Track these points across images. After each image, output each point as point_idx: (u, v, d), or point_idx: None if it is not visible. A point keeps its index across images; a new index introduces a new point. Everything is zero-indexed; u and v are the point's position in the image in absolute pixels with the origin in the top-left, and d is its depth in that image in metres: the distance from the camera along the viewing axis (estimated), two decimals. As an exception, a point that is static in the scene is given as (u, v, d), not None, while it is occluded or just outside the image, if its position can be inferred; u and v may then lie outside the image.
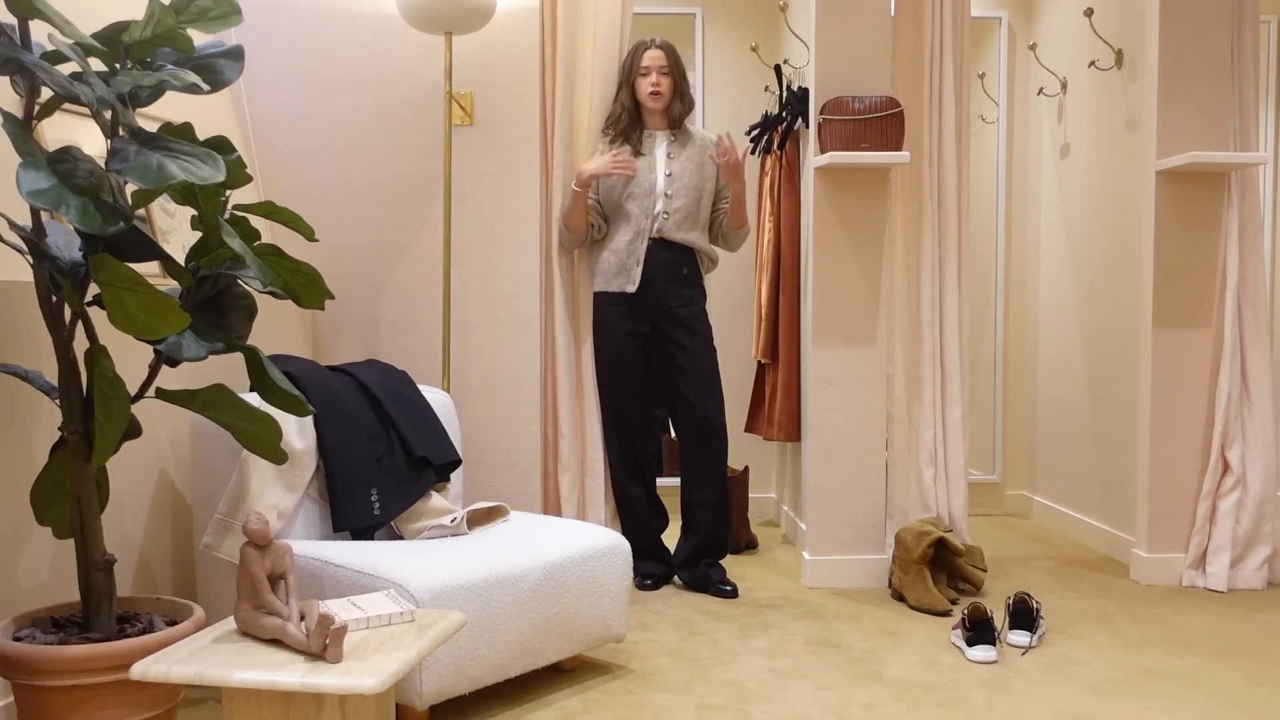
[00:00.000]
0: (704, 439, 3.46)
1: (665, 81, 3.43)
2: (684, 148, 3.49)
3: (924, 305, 3.60)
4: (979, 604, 2.89)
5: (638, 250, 3.45)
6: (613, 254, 3.49)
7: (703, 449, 3.47)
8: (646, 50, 3.45)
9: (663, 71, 3.43)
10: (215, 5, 1.98)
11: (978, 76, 4.67)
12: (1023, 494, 4.76)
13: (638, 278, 3.45)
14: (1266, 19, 4.47)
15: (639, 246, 3.45)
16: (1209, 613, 3.23)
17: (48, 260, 1.92)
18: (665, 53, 3.45)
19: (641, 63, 3.45)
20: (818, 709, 2.44)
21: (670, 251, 3.47)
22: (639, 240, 3.45)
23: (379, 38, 3.53)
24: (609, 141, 3.51)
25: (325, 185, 3.55)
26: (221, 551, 2.45)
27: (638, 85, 3.46)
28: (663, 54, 3.44)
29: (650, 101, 3.44)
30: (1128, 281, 3.90)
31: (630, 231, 3.46)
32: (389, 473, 2.72)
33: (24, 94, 1.91)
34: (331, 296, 2.21)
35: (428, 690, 2.22)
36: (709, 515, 3.48)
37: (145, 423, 2.66)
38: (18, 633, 2.02)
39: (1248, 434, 3.52)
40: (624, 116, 3.48)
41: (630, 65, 3.48)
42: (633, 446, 3.55)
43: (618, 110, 3.49)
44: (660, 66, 3.43)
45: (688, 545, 3.51)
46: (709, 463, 3.47)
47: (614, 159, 3.35)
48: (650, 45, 3.46)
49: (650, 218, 3.44)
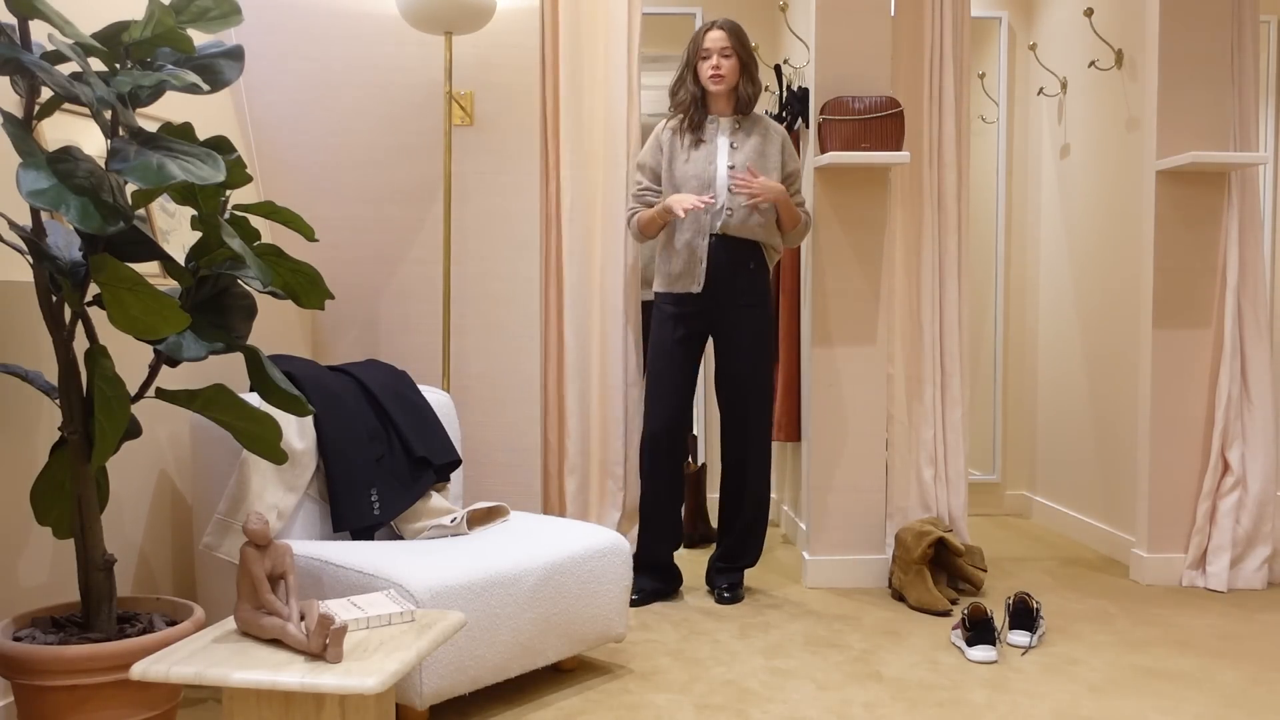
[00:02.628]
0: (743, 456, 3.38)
1: (727, 64, 3.28)
2: (749, 136, 3.33)
3: (924, 305, 3.60)
4: (979, 604, 2.89)
5: (699, 249, 3.30)
6: (674, 253, 3.33)
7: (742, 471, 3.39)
8: (708, 32, 3.30)
9: (724, 53, 3.28)
10: (215, 5, 1.98)
11: (978, 76, 4.67)
12: (1023, 494, 4.76)
13: (702, 276, 3.30)
14: (1266, 19, 4.47)
15: (700, 244, 3.29)
16: (1209, 613, 3.22)
17: (48, 260, 1.92)
18: (728, 33, 3.28)
19: (703, 45, 3.30)
20: (818, 709, 2.44)
21: (734, 248, 3.31)
22: (699, 238, 3.30)
23: (379, 38, 3.53)
24: (677, 125, 3.37)
25: (325, 185, 3.55)
26: (221, 551, 2.45)
27: (700, 69, 3.32)
28: (725, 34, 3.28)
29: (712, 85, 3.28)
30: (1128, 281, 3.90)
31: (690, 229, 3.31)
32: (389, 473, 2.72)
33: (24, 94, 1.91)
34: (331, 296, 2.21)
35: (428, 690, 2.22)
36: (741, 525, 3.41)
37: (145, 423, 2.66)
38: (18, 633, 2.02)
39: (1248, 434, 3.52)
40: (689, 102, 3.34)
41: (692, 48, 3.33)
42: (660, 452, 3.36)
43: (684, 96, 3.35)
44: (722, 48, 3.27)
45: (718, 546, 3.47)
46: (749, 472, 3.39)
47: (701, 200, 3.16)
48: (712, 26, 3.31)
49: (712, 214, 3.30)
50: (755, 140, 3.33)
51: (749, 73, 3.32)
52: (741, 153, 3.31)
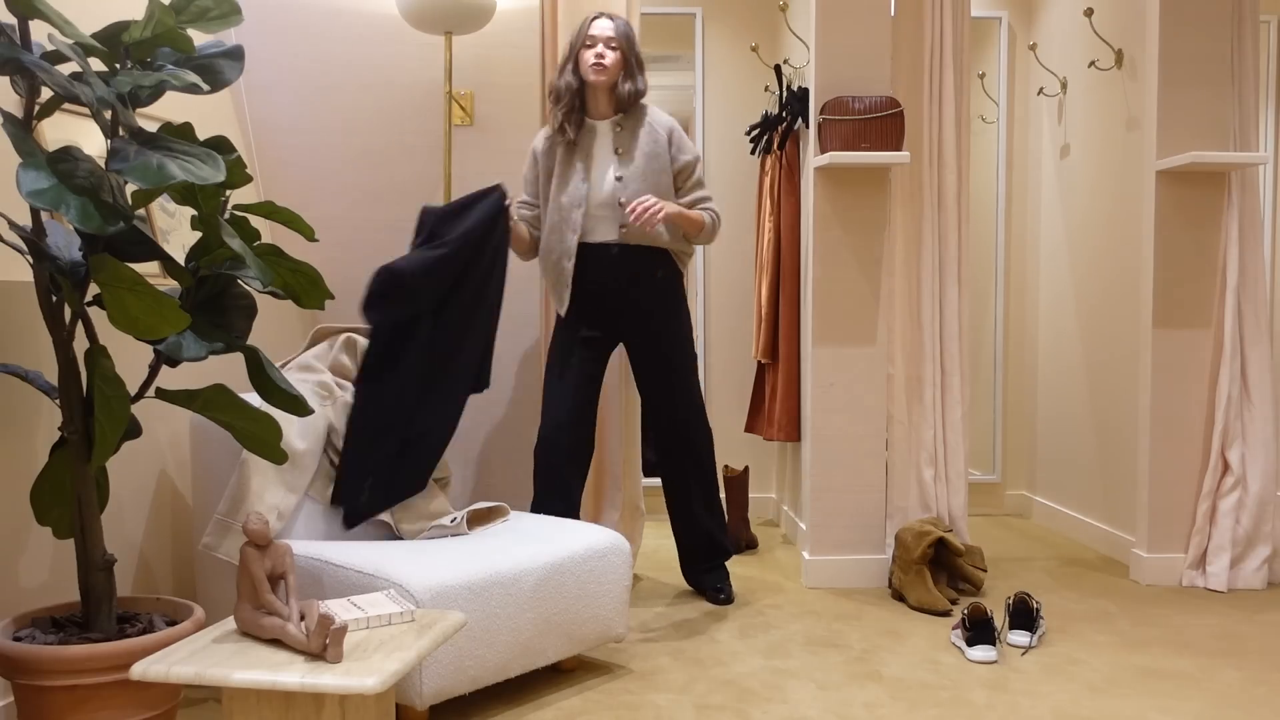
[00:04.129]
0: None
1: (611, 55, 3.07)
2: (634, 137, 3.14)
3: (924, 305, 3.60)
4: (979, 604, 2.89)
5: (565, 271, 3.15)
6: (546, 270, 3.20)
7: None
8: (595, 20, 3.10)
9: (610, 44, 3.08)
10: (215, 5, 1.98)
11: (978, 76, 4.67)
12: (1023, 494, 4.76)
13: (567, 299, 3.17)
14: (1266, 19, 4.47)
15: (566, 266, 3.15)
16: (1209, 613, 3.23)
17: (48, 260, 1.92)
18: (616, 25, 3.09)
19: (588, 33, 3.09)
20: (818, 709, 2.44)
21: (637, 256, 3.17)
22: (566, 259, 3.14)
23: (379, 38, 3.53)
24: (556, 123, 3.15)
25: (325, 185, 3.55)
26: (221, 552, 2.45)
27: (581, 57, 3.09)
28: (613, 25, 3.08)
29: (592, 74, 3.07)
30: (1128, 281, 3.90)
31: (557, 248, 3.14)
32: (393, 471, 2.71)
33: (24, 94, 1.91)
34: (331, 296, 2.21)
35: (428, 690, 2.22)
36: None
37: (145, 423, 2.66)
38: (18, 633, 2.02)
39: (1248, 434, 3.52)
40: (566, 94, 3.11)
41: (577, 37, 3.12)
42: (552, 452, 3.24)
43: (561, 86, 3.12)
44: (608, 39, 3.08)
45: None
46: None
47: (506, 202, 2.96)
48: (600, 15, 3.11)
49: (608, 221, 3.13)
50: (642, 139, 3.14)
51: (629, 71, 3.11)
52: (628, 157, 3.12)
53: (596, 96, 3.16)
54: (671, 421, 3.30)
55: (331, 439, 2.68)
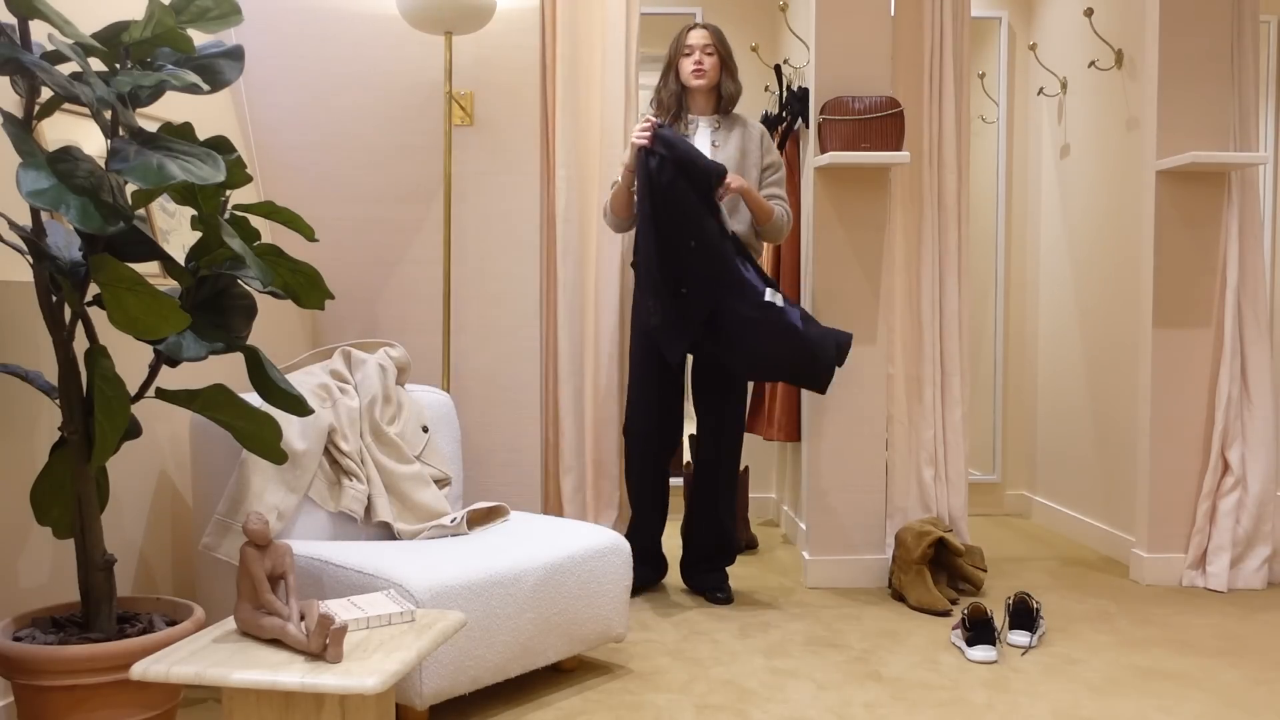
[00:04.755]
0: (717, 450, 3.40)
1: (709, 60, 3.31)
2: (730, 133, 3.36)
3: (924, 305, 3.60)
4: (979, 604, 2.89)
5: None
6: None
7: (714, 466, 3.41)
8: (691, 30, 3.34)
9: (706, 50, 3.32)
10: (215, 5, 1.98)
11: (978, 76, 4.67)
12: (1023, 494, 4.76)
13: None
14: (1266, 19, 4.47)
15: None
16: (1209, 613, 3.23)
17: (48, 260, 1.92)
18: (710, 32, 3.33)
19: (685, 42, 3.33)
20: (818, 709, 2.44)
21: None
22: None
23: (379, 38, 3.53)
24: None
25: (325, 185, 3.55)
26: (220, 552, 2.45)
27: (681, 65, 3.35)
28: (707, 33, 3.33)
29: (694, 79, 3.31)
30: (1128, 281, 3.90)
31: None
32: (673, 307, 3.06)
33: (24, 94, 1.91)
34: (331, 296, 2.21)
35: (428, 690, 2.22)
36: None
37: (145, 423, 2.66)
38: (18, 633, 2.02)
39: (1248, 434, 3.52)
40: (671, 100, 3.37)
41: (674, 48, 3.37)
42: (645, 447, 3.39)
43: (666, 95, 3.38)
44: (704, 45, 3.32)
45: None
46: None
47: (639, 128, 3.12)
48: (695, 25, 3.36)
49: None
50: (736, 136, 3.35)
51: (730, 71, 3.35)
52: (724, 150, 3.32)
53: (695, 99, 3.39)
54: (721, 421, 3.39)
55: (332, 439, 2.68)
